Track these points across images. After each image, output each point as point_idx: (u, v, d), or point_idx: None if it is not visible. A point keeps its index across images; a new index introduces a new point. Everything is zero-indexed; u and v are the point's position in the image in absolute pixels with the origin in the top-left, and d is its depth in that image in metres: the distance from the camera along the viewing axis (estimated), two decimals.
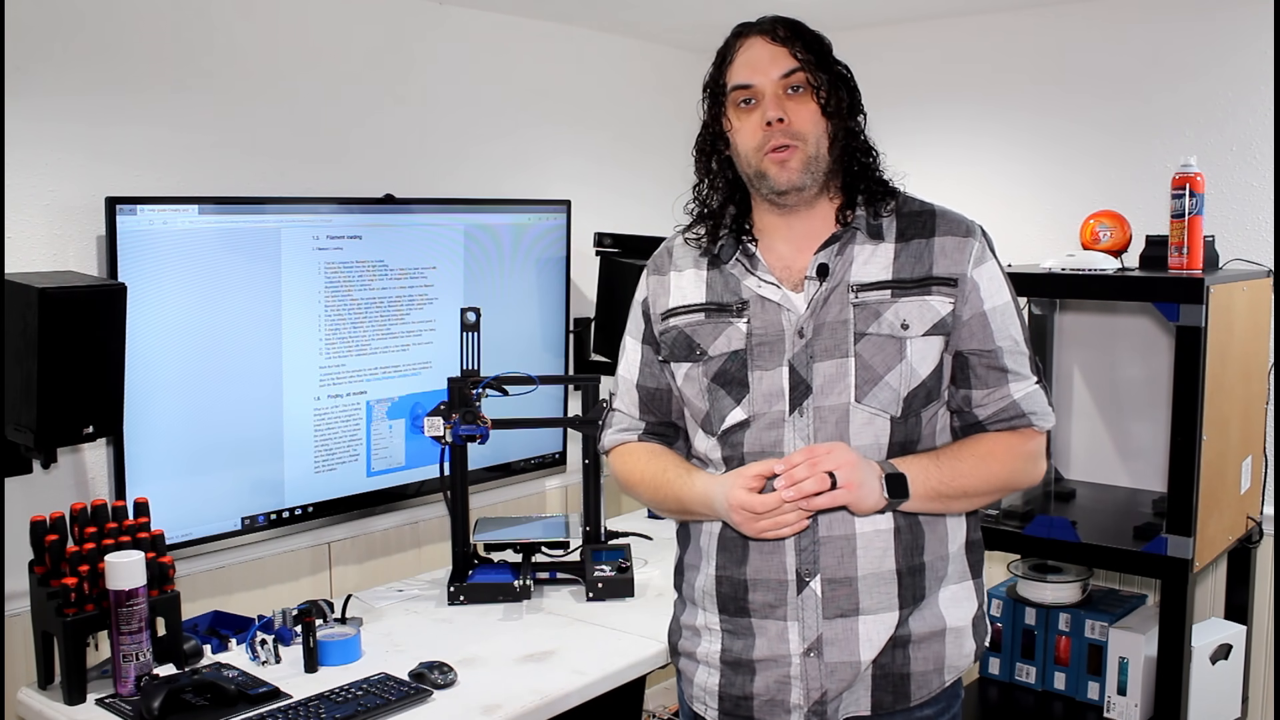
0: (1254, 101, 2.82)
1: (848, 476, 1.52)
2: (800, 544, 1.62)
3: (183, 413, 2.48)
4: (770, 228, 1.69)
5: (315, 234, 2.68)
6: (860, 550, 1.61)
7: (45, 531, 2.08)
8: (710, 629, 1.72)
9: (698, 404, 1.70)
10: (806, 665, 1.63)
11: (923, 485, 1.59)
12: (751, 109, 1.63)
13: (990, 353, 1.64)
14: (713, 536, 1.70)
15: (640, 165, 3.59)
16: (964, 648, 1.69)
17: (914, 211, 1.67)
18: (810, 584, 1.62)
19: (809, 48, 1.63)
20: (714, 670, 1.71)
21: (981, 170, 3.24)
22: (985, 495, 1.66)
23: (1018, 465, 1.67)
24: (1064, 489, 3.01)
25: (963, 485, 1.62)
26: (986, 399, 1.65)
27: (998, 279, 1.65)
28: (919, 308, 1.61)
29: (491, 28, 3.14)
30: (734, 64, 1.65)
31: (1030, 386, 1.66)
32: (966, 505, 1.67)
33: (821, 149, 1.62)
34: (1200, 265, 2.49)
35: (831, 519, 1.61)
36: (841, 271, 1.63)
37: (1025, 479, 1.71)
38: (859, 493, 1.53)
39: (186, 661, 2.17)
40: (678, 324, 1.71)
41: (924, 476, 1.59)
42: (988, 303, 1.63)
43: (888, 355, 1.60)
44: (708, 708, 1.73)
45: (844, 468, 1.52)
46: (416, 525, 3.06)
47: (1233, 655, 2.67)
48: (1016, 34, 3.17)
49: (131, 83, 2.44)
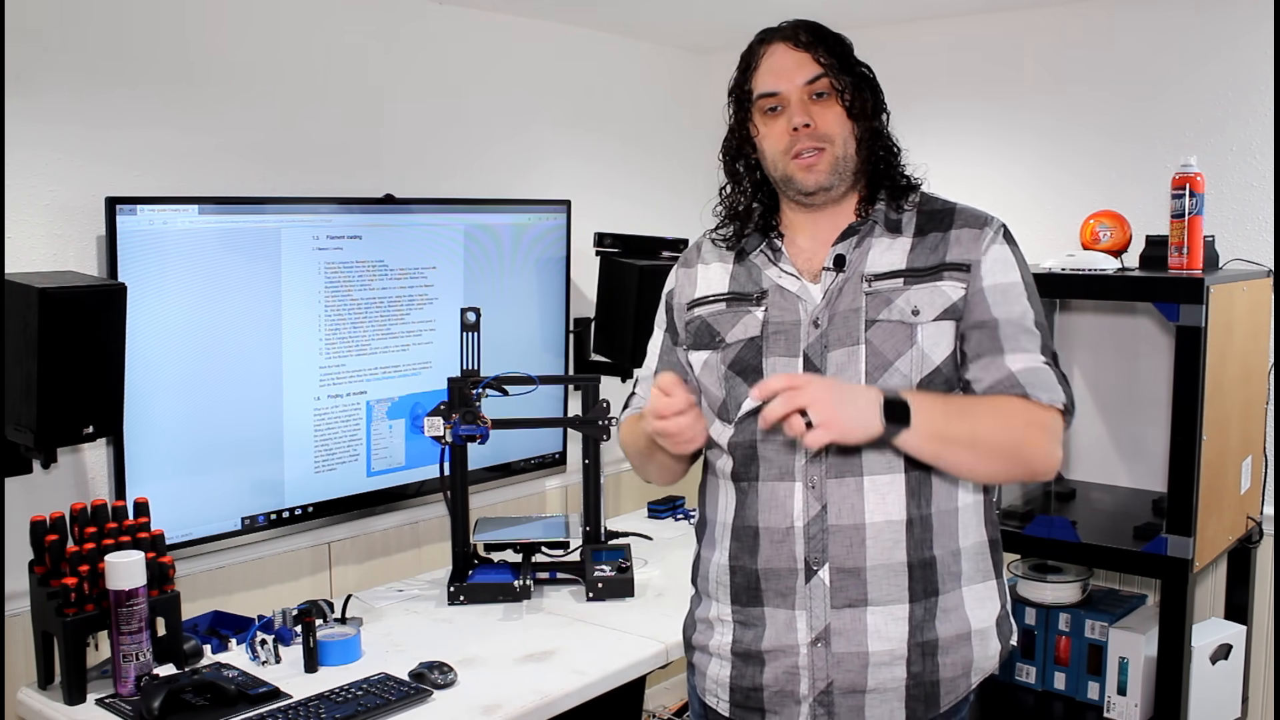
0: (1254, 101, 2.82)
1: (823, 414, 1.44)
2: (809, 532, 1.62)
3: (183, 413, 2.48)
4: (796, 224, 1.73)
5: (315, 234, 2.68)
6: (870, 540, 1.61)
7: (45, 531, 2.08)
8: (722, 620, 1.73)
9: (715, 391, 1.72)
10: (814, 655, 1.63)
11: (927, 418, 1.51)
12: (778, 115, 1.66)
13: (985, 324, 1.62)
14: (726, 527, 1.72)
15: (640, 165, 3.59)
16: (989, 649, 1.69)
17: (935, 210, 1.70)
18: (819, 573, 1.62)
19: (831, 51, 1.66)
20: (725, 662, 1.72)
21: (981, 170, 3.24)
22: (996, 453, 1.57)
23: (1031, 433, 1.57)
24: (1064, 489, 3.01)
25: (971, 429, 1.54)
26: (983, 371, 1.61)
27: (1006, 261, 1.65)
28: (930, 293, 1.62)
29: (491, 28, 3.14)
30: (759, 71, 1.68)
31: (1033, 362, 1.60)
32: (974, 461, 1.57)
33: (849, 150, 1.66)
34: (1200, 265, 2.49)
35: (840, 508, 1.61)
36: (857, 263, 1.66)
37: (1039, 454, 1.59)
38: (843, 426, 1.46)
39: (186, 661, 2.17)
40: (700, 313, 1.75)
41: (929, 408, 1.52)
42: (988, 279, 1.63)
43: (898, 341, 1.61)
44: (719, 700, 1.74)
45: (819, 404, 1.45)
46: (416, 525, 3.06)
47: (1233, 655, 2.67)
48: (1016, 34, 3.17)
49: (131, 83, 2.44)
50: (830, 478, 1.62)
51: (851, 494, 1.61)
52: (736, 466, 1.69)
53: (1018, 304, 1.63)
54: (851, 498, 1.61)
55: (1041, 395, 1.59)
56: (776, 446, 1.65)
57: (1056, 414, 1.61)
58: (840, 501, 1.61)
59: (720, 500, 1.74)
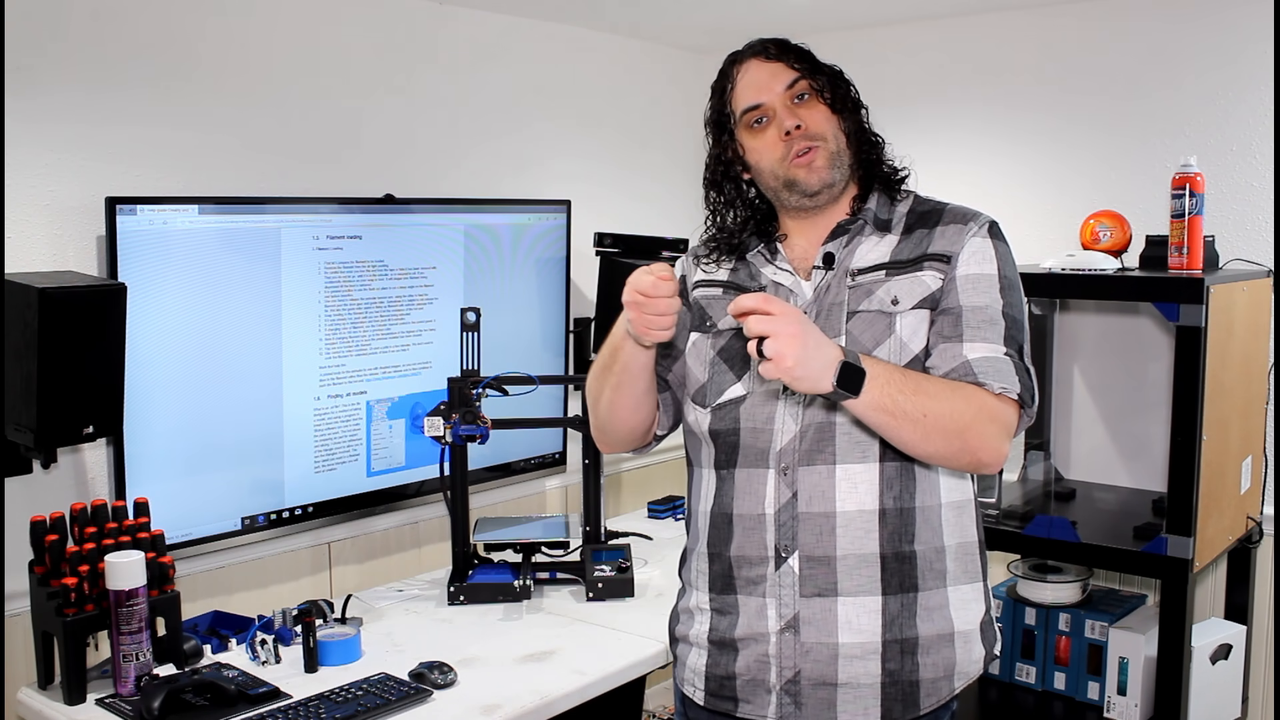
0: (1254, 101, 2.81)
1: (778, 348, 1.41)
2: (780, 519, 1.63)
3: (183, 413, 2.48)
4: (793, 230, 1.76)
5: (315, 234, 2.68)
6: (840, 529, 1.61)
7: (45, 531, 2.09)
8: (701, 609, 1.74)
9: (697, 374, 1.74)
10: (782, 643, 1.64)
11: (878, 391, 1.48)
12: (765, 127, 1.69)
13: (951, 310, 1.62)
14: (705, 515, 1.73)
15: (641, 165, 3.59)
16: (973, 653, 1.68)
17: (926, 210, 1.72)
18: (788, 560, 1.63)
19: (801, 57, 1.70)
20: (702, 650, 1.73)
21: (981, 170, 3.24)
22: (942, 434, 1.53)
23: (982, 421, 1.54)
24: (1064, 489, 3.01)
25: (922, 405, 1.50)
26: (940, 358, 1.60)
27: (985, 253, 1.65)
28: (910, 284, 1.64)
29: (491, 28, 3.14)
30: (736, 89, 1.71)
31: (991, 351, 1.58)
32: (915, 434, 1.52)
33: (841, 144, 1.69)
34: (1200, 265, 2.49)
35: (810, 496, 1.62)
36: (845, 260, 1.69)
37: (986, 443, 1.55)
38: (793, 371, 1.42)
39: (186, 661, 2.17)
40: (698, 295, 1.78)
41: (884, 379, 1.49)
42: (963, 269, 1.64)
43: (877, 331, 1.63)
44: (696, 689, 1.75)
45: (780, 338, 1.42)
46: (416, 525, 3.06)
47: (1233, 655, 2.67)
48: (1017, 34, 3.17)
49: (131, 83, 2.44)
50: (802, 465, 1.62)
51: (823, 481, 1.61)
52: (717, 454, 1.71)
53: (987, 294, 1.62)
54: (823, 485, 1.61)
55: (994, 383, 1.56)
56: (754, 433, 1.66)
57: (1011, 405, 1.58)
58: (811, 489, 1.62)
59: (701, 489, 1.76)
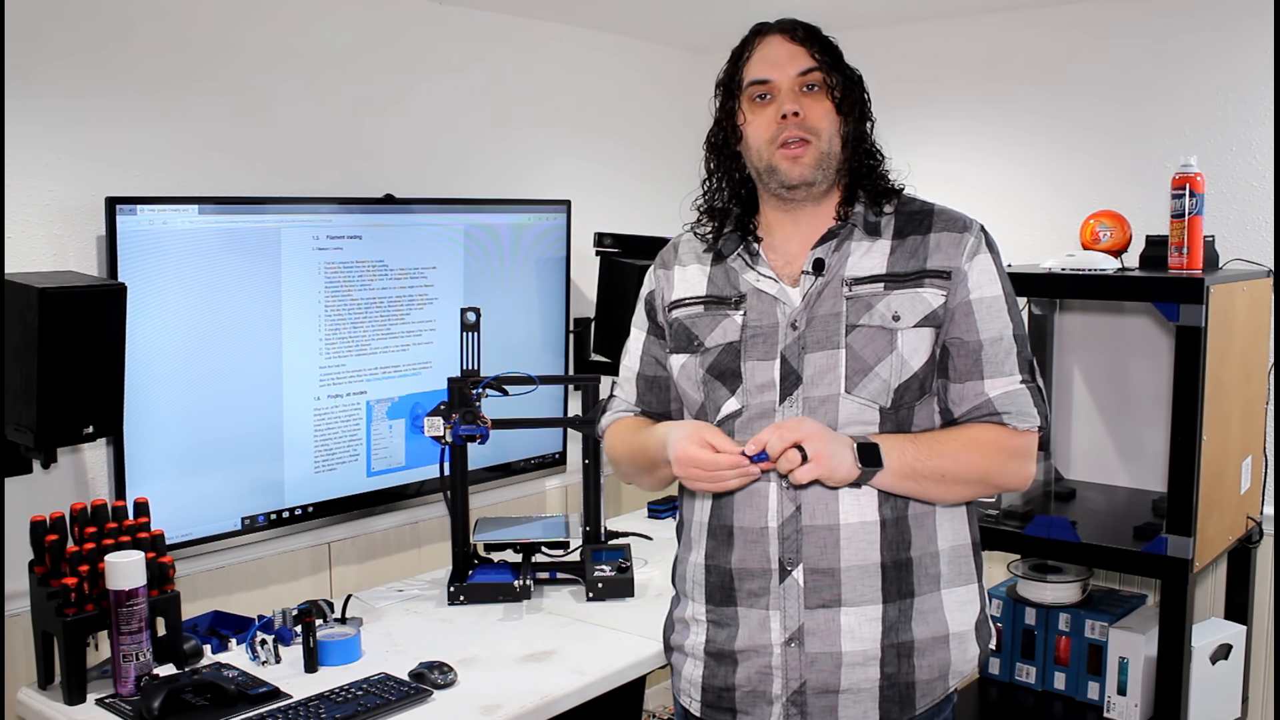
0: (1254, 101, 2.82)
1: (816, 448, 1.52)
2: (784, 533, 1.63)
3: (183, 412, 2.48)
4: (775, 224, 1.73)
5: (315, 234, 2.68)
6: (844, 541, 1.61)
7: (45, 531, 2.08)
8: (697, 620, 1.73)
9: (693, 395, 1.73)
10: (787, 655, 1.64)
11: (897, 458, 1.57)
12: (766, 104, 1.66)
13: (969, 344, 1.64)
14: (702, 526, 1.72)
15: (640, 165, 3.59)
16: (967, 653, 1.69)
17: (913, 211, 1.70)
18: (792, 573, 1.63)
19: (826, 49, 1.68)
20: (699, 662, 1.73)
21: (981, 170, 3.24)
22: (965, 484, 1.63)
23: (1001, 460, 1.63)
24: (1064, 489, 3.01)
25: (940, 466, 1.59)
26: (961, 395, 1.65)
27: (990, 272, 1.65)
28: (911, 299, 1.63)
29: (492, 28, 3.14)
30: (751, 60, 1.69)
31: (1011, 385, 1.63)
32: (945, 492, 1.63)
33: (834, 147, 1.66)
34: (1200, 265, 2.49)
35: (814, 509, 1.62)
36: (837, 266, 1.66)
37: (1009, 477, 1.66)
38: (830, 464, 1.53)
39: (186, 661, 2.17)
40: (679, 316, 1.75)
41: (899, 450, 1.58)
42: (974, 293, 1.64)
43: (878, 346, 1.62)
44: (692, 700, 1.74)
45: (811, 439, 1.52)
46: (416, 525, 3.06)
47: (1233, 655, 2.67)
48: (1016, 34, 3.17)
49: (131, 83, 2.44)
50: None
51: (826, 495, 1.62)
52: None
53: (999, 319, 1.64)
54: (826, 499, 1.62)
55: (1019, 423, 1.63)
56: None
57: (1032, 436, 1.65)
58: (815, 502, 1.62)
59: (698, 499, 1.74)
